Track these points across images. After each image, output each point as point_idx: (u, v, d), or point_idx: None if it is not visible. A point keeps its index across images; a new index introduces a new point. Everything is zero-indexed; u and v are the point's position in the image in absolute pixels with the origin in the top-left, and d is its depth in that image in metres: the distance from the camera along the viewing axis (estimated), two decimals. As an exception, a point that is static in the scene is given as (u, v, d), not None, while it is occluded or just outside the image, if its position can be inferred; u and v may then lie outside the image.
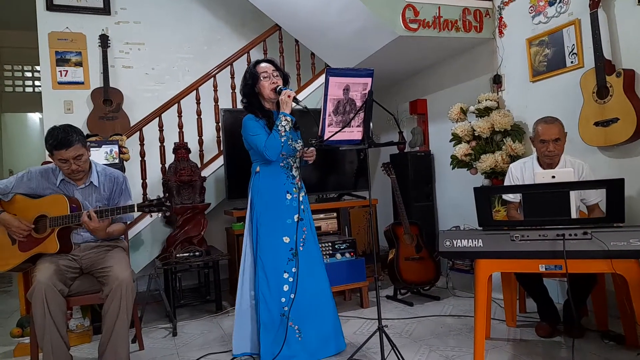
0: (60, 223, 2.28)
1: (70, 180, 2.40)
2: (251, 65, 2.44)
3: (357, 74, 2.10)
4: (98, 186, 2.46)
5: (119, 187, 2.53)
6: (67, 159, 2.28)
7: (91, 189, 2.45)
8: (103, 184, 2.48)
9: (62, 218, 2.27)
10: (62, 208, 2.29)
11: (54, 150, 2.28)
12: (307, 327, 2.32)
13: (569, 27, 3.04)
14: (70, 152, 2.26)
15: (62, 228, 2.30)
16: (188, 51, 4.76)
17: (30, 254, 2.31)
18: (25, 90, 7.34)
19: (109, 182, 2.50)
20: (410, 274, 3.39)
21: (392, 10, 3.28)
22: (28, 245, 2.33)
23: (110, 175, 2.52)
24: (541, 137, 2.52)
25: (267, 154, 2.25)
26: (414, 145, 4.49)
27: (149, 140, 3.93)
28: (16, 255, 2.34)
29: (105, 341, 2.18)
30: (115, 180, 2.53)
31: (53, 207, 2.31)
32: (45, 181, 2.39)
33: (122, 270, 2.26)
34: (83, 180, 2.43)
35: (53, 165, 2.42)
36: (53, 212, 2.30)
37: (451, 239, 2.18)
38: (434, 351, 2.48)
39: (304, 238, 2.39)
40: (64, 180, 2.40)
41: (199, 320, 3.33)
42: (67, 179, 2.40)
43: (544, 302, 2.62)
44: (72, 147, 2.26)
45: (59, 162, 2.31)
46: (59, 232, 2.29)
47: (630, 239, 1.87)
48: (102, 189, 2.47)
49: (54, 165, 2.42)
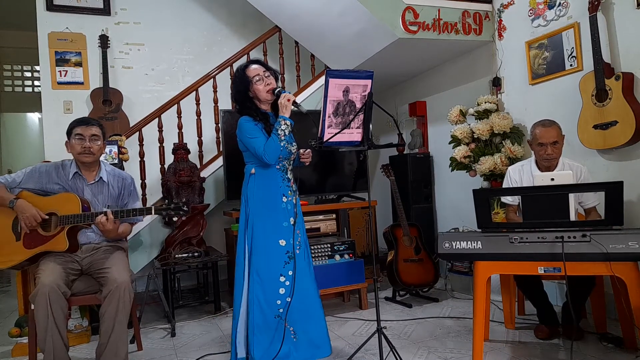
0: (72, 222, 2.27)
1: (81, 174, 2.43)
2: (240, 69, 2.37)
3: (357, 75, 2.10)
4: (107, 183, 2.49)
5: (128, 188, 2.56)
6: (85, 135, 2.38)
7: (101, 186, 2.48)
8: (111, 182, 2.51)
9: (73, 217, 2.27)
10: (73, 206, 2.29)
11: (76, 126, 2.40)
12: (301, 329, 2.32)
13: (568, 30, 3.05)
14: (89, 130, 2.40)
15: (71, 227, 2.29)
16: (188, 52, 4.77)
17: (35, 251, 2.29)
18: (24, 90, 7.33)
19: (117, 182, 2.53)
20: (409, 275, 3.39)
21: (392, 12, 3.29)
22: (34, 242, 2.30)
23: (119, 176, 2.56)
24: (539, 140, 2.53)
25: (266, 157, 2.23)
26: (413, 147, 4.49)
27: (148, 141, 3.92)
28: (20, 251, 2.31)
29: (103, 343, 2.18)
30: (124, 180, 2.56)
31: (64, 205, 2.30)
32: (55, 176, 2.40)
33: (120, 273, 2.25)
34: (94, 174, 2.46)
35: (63, 162, 2.47)
36: (63, 211, 2.29)
37: (450, 240, 2.18)
38: (432, 353, 2.48)
39: (300, 241, 2.38)
40: (77, 173, 2.42)
41: (197, 321, 3.32)
42: (79, 172, 2.42)
43: (543, 306, 2.62)
44: (92, 126, 2.42)
45: (75, 138, 2.38)
46: (68, 230, 2.28)
47: (629, 242, 1.88)
48: (111, 187, 2.50)
49: (64, 162, 2.46)
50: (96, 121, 2.47)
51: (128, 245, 2.97)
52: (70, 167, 2.44)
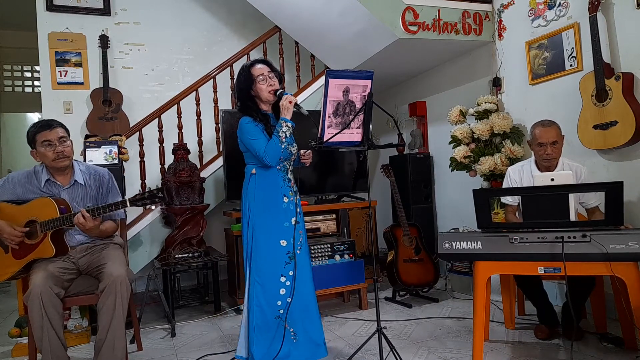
0: (52, 226, 2.23)
1: (55, 180, 2.36)
2: (245, 67, 2.36)
3: (357, 75, 2.10)
4: (84, 184, 2.42)
5: (106, 186, 2.48)
6: (52, 140, 2.29)
7: (77, 188, 2.41)
8: (88, 182, 2.44)
9: (52, 221, 2.23)
10: (50, 211, 2.24)
11: (37, 134, 2.29)
12: (301, 329, 2.32)
13: (568, 30, 3.05)
14: (53, 134, 2.29)
15: (55, 231, 2.26)
16: (188, 52, 4.77)
17: (25, 260, 2.27)
18: (24, 91, 7.33)
19: (94, 181, 2.46)
20: (409, 275, 3.39)
21: (392, 12, 3.29)
22: (22, 252, 2.28)
23: (95, 174, 2.47)
24: (539, 141, 2.53)
25: (266, 159, 2.23)
26: (413, 147, 4.49)
27: (148, 141, 3.93)
28: (11, 263, 2.29)
29: (101, 338, 2.16)
30: (101, 178, 2.48)
31: (41, 210, 2.26)
32: (29, 185, 2.34)
33: (116, 267, 2.24)
34: (68, 177, 2.39)
35: (34, 168, 2.39)
36: (42, 216, 2.25)
37: (450, 241, 2.18)
38: (432, 353, 2.48)
39: (301, 242, 2.38)
40: (49, 180, 2.35)
41: (197, 321, 3.32)
42: (51, 179, 2.35)
43: (543, 306, 2.62)
44: (54, 129, 2.31)
45: (43, 145, 2.28)
46: (52, 235, 2.25)
47: (629, 242, 1.88)
48: (88, 188, 2.43)
49: (35, 168, 2.38)
50: (56, 121, 2.35)
51: (126, 242, 2.96)
52: (42, 174, 2.35)
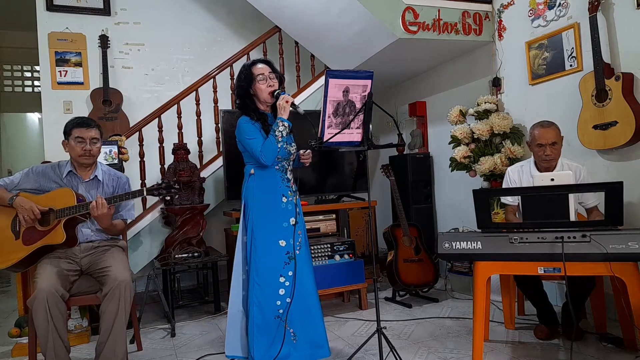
0: (67, 213, 2.29)
1: (76, 172, 2.46)
2: (247, 66, 2.38)
3: (357, 75, 2.10)
4: (102, 181, 2.52)
5: (122, 187, 2.59)
6: (85, 138, 2.40)
7: (95, 184, 2.51)
8: (107, 181, 2.55)
9: (69, 209, 2.30)
10: (69, 200, 2.32)
11: (74, 128, 2.40)
12: (301, 329, 2.31)
13: (568, 30, 3.05)
14: (90, 132, 2.42)
15: (69, 220, 2.31)
16: (188, 52, 4.77)
17: (35, 246, 2.31)
18: (24, 90, 7.34)
19: (112, 181, 2.57)
20: (409, 275, 3.39)
21: (392, 12, 3.29)
22: (32, 238, 2.33)
23: (114, 175, 2.60)
24: (538, 141, 2.53)
25: (262, 158, 2.23)
26: (413, 147, 4.49)
27: (148, 141, 3.93)
28: (19, 249, 2.32)
29: (103, 341, 2.18)
30: (119, 179, 2.60)
31: (60, 199, 2.34)
32: (52, 174, 2.45)
33: (121, 271, 2.27)
34: (89, 173, 2.49)
35: (59, 162, 2.50)
36: (60, 205, 2.32)
37: (450, 241, 2.18)
38: (432, 353, 2.48)
39: (300, 242, 2.38)
40: (71, 172, 2.46)
41: (197, 321, 3.32)
42: (73, 171, 2.46)
43: (543, 306, 2.62)
44: (92, 129, 2.43)
45: (75, 140, 2.40)
46: (65, 223, 2.30)
47: (629, 242, 1.88)
48: (105, 186, 2.53)
49: (60, 162, 2.50)
50: (95, 122, 2.48)
51: (127, 244, 2.97)
52: (66, 167, 2.47)
